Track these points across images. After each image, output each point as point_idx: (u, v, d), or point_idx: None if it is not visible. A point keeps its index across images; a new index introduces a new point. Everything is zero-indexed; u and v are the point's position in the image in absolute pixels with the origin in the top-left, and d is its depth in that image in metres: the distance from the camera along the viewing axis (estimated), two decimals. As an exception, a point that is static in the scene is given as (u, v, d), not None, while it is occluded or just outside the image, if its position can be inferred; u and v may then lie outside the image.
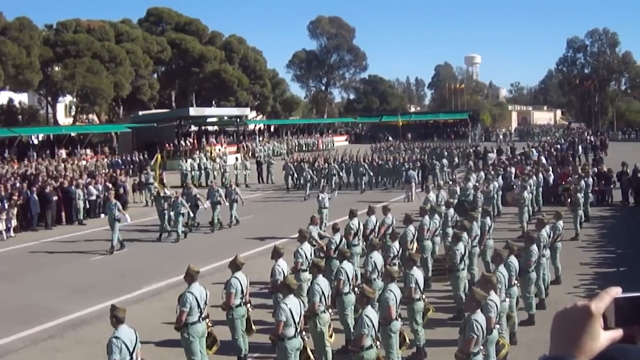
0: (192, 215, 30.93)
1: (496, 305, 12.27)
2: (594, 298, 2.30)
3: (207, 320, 13.25)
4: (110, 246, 26.70)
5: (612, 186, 36.95)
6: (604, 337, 2.23)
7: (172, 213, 29.31)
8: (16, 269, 24.26)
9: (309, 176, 43.50)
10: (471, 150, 61.35)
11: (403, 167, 45.73)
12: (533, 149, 56.05)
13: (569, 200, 28.86)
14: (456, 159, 54.24)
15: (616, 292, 2.32)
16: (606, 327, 2.26)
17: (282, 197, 43.30)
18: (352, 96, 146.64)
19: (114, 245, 26.74)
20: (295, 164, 48.45)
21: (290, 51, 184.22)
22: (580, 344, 2.20)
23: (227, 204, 31.74)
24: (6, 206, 30.89)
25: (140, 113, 75.55)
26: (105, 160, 59.03)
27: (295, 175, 47.17)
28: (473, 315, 11.20)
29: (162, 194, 30.34)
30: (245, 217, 33.55)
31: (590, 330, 2.22)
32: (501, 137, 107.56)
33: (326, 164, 47.58)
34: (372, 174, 46.82)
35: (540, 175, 35.37)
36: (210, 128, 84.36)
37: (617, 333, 2.26)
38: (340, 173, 47.14)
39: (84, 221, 34.01)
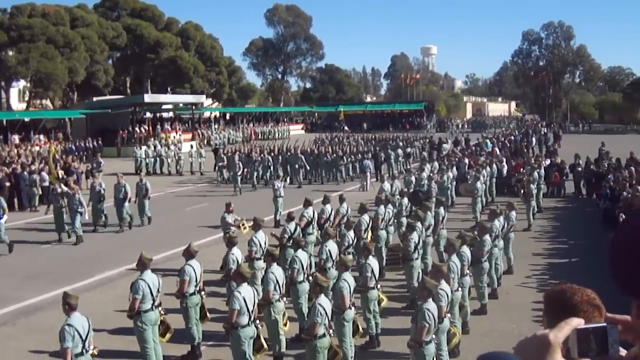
0: (103, 214, 28.69)
1: (447, 294, 12.38)
2: (553, 328, 2.33)
3: (160, 308, 13.20)
4: None
5: (564, 178, 37.35)
6: None
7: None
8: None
9: (238, 169, 39.85)
10: (423, 142, 60.99)
11: (342, 161, 44.57)
12: (487, 140, 56.46)
13: (522, 191, 29.11)
14: (408, 149, 53.85)
15: (578, 322, 2.34)
16: (569, 358, 2.29)
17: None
18: (308, 85, 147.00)
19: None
20: (229, 154, 45.00)
21: (247, 39, 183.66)
22: None
23: (135, 201, 29.12)
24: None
25: (95, 99, 74.89)
26: (59, 146, 58.49)
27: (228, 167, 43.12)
28: (424, 304, 11.29)
29: (59, 190, 27.24)
30: (199, 206, 33.52)
31: None
32: (452, 127, 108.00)
33: (260, 156, 44.13)
34: (308, 167, 44.26)
35: (494, 166, 35.67)
36: (165, 115, 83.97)
37: None
38: (276, 165, 44.08)
39: (37, 207, 33.62)
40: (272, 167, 43.61)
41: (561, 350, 2.30)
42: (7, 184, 33.17)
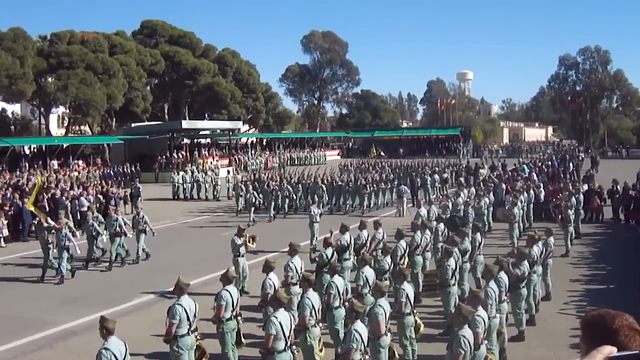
0: (97, 249, 26.96)
1: (484, 321, 12.27)
2: (585, 357, 2.32)
3: (196, 333, 13.22)
4: None
5: (602, 203, 37.03)
6: None
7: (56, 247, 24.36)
8: (6, 280, 24.10)
9: (253, 198, 38.00)
10: (456, 168, 60.18)
11: (365, 190, 41.98)
12: (524, 166, 56.07)
13: (560, 216, 28.89)
14: (445, 175, 53.37)
15: (610, 350, 2.33)
16: None
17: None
18: (344, 111, 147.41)
19: None
20: (247, 183, 43.25)
21: (283, 65, 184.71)
22: None
23: (133, 234, 27.30)
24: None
25: (133, 125, 75.93)
26: (97, 171, 59.06)
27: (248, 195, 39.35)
28: (460, 331, 11.22)
29: (44, 224, 25.32)
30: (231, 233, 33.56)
31: None
32: (486, 153, 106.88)
33: (280, 185, 41.58)
34: (327, 197, 41.61)
35: (532, 191, 35.39)
36: (202, 141, 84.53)
37: None
38: (294, 195, 42.05)
39: (76, 232, 33.79)
40: (290, 197, 41.68)
41: None
42: (47, 209, 33.45)
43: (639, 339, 2.73)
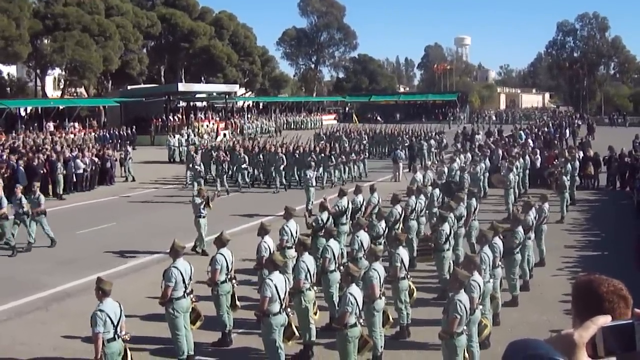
0: None
1: (479, 286, 12.31)
2: (579, 327, 2.33)
3: (192, 295, 13.27)
4: None
5: (598, 170, 37.05)
6: None
7: None
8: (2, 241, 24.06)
9: (198, 170, 34.42)
10: (439, 137, 57.71)
11: (330, 162, 37.36)
12: (521, 132, 56.03)
13: (555, 183, 28.92)
14: (444, 141, 53.19)
15: (603, 321, 2.34)
16: (596, 356, 2.29)
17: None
18: (341, 75, 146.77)
19: None
20: (197, 153, 37.08)
21: (280, 28, 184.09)
22: None
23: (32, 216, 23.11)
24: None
25: (129, 87, 75.62)
26: (93, 134, 58.90)
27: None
28: (456, 295, 11.25)
29: None
30: (229, 195, 33.57)
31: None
32: (479, 121, 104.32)
33: (228, 155, 37.57)
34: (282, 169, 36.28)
35: (527, 157, 35.40)
36: (198, 104, 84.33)
37: None
38: (249, 167, 37.66)
39: (63, 196, 33.59)
40: (247, 168, 37.32)
41: (588, 348, 2.30)
42: (43, 171, 33.39)
43: (624, 306, 2.74)
